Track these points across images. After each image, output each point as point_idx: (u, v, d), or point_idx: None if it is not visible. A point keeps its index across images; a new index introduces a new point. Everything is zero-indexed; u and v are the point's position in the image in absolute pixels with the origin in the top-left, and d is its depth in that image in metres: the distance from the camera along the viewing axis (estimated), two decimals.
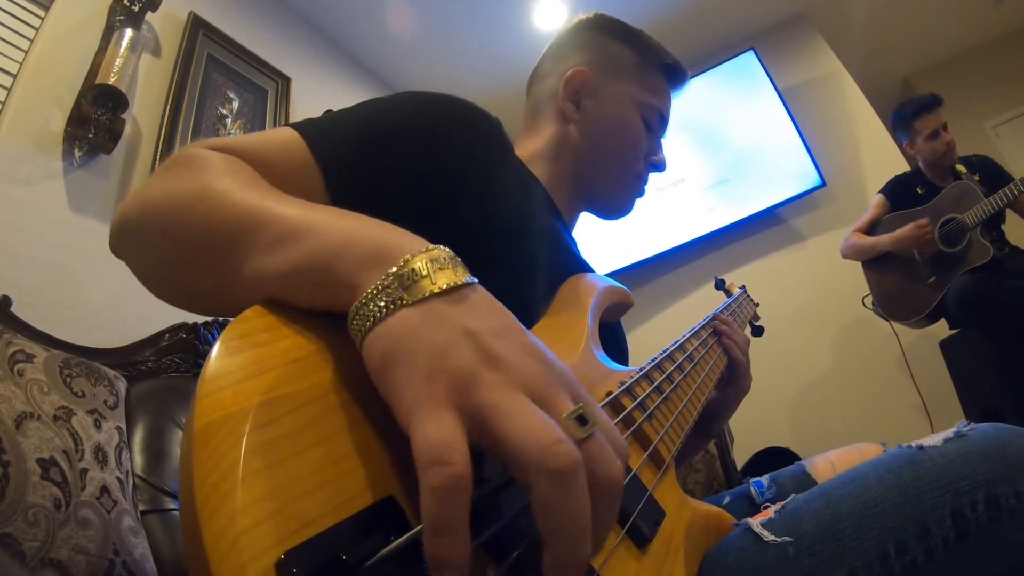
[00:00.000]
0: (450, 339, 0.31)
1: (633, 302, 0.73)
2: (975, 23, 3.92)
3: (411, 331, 0.32)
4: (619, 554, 0.42)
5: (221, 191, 0.43)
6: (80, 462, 0.85)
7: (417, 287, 0.33)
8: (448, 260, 0.35)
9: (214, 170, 0.46)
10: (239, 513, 0.24)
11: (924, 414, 2.50)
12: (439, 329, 0.32)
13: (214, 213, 0.41)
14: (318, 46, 2.85)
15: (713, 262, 3.20)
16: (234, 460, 0.26)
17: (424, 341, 0.31)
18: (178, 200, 0.44)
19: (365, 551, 0.26)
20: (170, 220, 0.45)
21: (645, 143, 0.89)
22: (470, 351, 0.31)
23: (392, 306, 0.32)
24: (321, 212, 0.40)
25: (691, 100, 3.30)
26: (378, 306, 0.33)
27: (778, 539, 0.48)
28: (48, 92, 1.60)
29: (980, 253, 2.19)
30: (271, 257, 0.37)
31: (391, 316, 0.32)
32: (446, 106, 0.64)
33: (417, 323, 0.32)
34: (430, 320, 0.32)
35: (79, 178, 1.59)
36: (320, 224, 0.38)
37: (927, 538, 0.44)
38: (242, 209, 0.41)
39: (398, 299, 0.33)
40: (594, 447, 0.31)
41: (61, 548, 0.75)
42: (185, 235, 0.43)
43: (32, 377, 0.88)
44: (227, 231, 0.40)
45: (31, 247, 1.43)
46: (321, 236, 0.37)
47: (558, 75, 0.89)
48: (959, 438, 0.49)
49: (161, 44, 2.01)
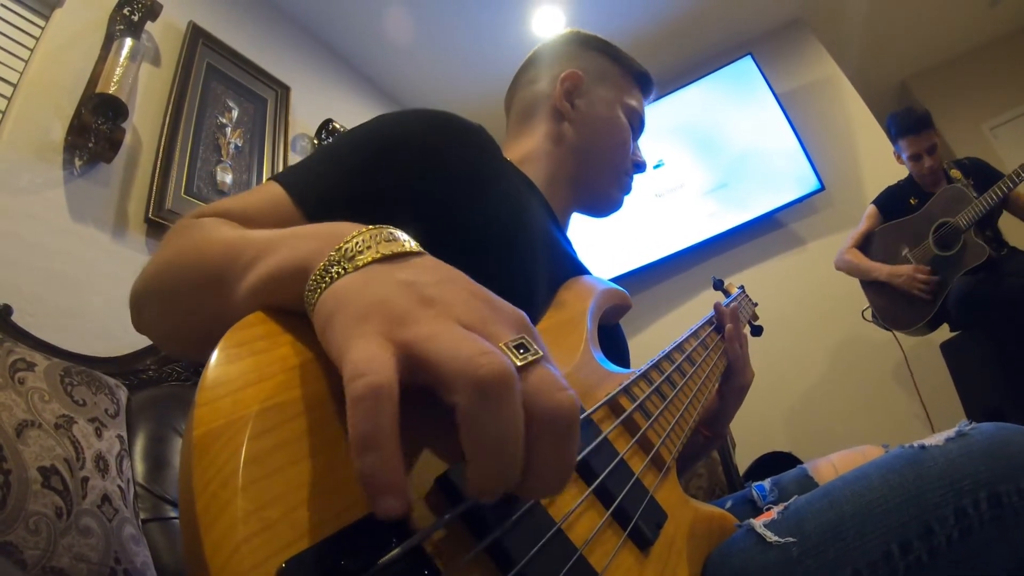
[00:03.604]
0: (388, 290, 0.32)
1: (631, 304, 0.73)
2: (971, 25, 3.94)
3: (352, 290, 0.32)
4: (621, 556, 0.42)
5: (207, 239, 0.47)
6: (81, 470, 0.85)
7: (360, 257, 0.34)
8: (393, 234, 0.36)
9: (202, 228, 0.50)
10: (239, 522, 0.24)
11: (925, 417, 2.49)
12: (379, 285, 0.32)
13: (203, 256, 0.45)
14: (317, 55, 2.86)
15: (713, 267, 3.20)
16: (234, 468, 0.26)
17: (364, 295, 0.31)
18: (172, 260, 0.49)
19: (365, 559, 0.26)
20: (169, 278, 0.49)
21: (631, 142, 0.94)
22: (406, 296, 0.31)
23: (338, 275, 0.33)
24: (296, 228, 0.41)
25: (690, 106, 3.31)
26: (325, 279, 0.33)
27: (781, 540, 0.49)
28: (48, 101, 1.61)
29: (976, 254, 2.19)
30: (253, 274, 0.38)
31: (336, 282, 0.33)
32: (430, 120, 0.64)
33: (359, 284, 0.32)
34: (371, 279, 0.33)
35: (79, 187, 1.59)
36: (291, 234, 0.40)
37: (930, 537, 0.44)
38: (224, 244, 0.44)
39: (343, 269, 0.33)
40: (537, 374, 0.29)
41: (62, 556, 0.75)
42: (182, 285, 0.47)
43: (33, 385, 0.88)
44: (215, 267, 0.43)
45: (32, 256, 1.43)
46: (291, 241, 0.39)
47: (550, 78, 0.92)
48: (961, 437, 0.49)
49: (161, 53, 2.02)
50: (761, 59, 3.24)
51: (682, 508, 0.54)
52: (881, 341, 2.67)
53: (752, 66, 3.22)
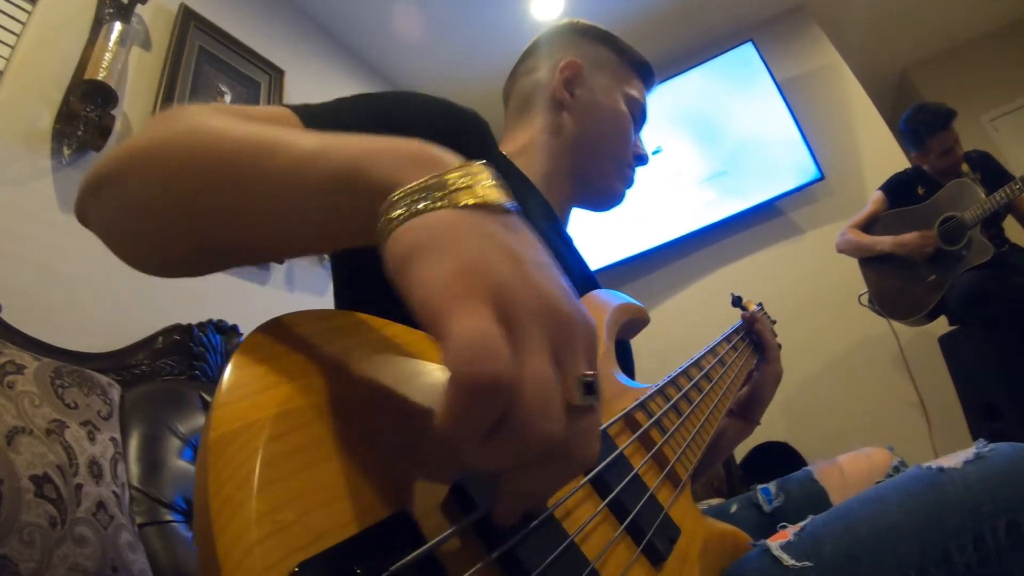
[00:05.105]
0: (492, 252, 0.29)
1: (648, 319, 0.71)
2: (974, 15, 3.91)
3: (450, 227, 0.29)
4: (634, 571, 0.42)
5: (230, 124, 0.40)
6: (75, 477, 0.83)
7: (460, 194, 0.30)
8: (494, 178, 0.33)
9: (205, 112, 0.43)
10: (253, 524, 0.24)
11: (921, 410, 2.51)
12: (481, 236, 0.29)
13: (229, 136, 0.38)
14: (312, 37, 2.81)
15: (710, 255, 3.19)
16: (249, 471, 0.26)
17: (463, 244, 0.28)
18: (173, 139, 0.40)
19: (378, 564, 0.26)
20: (165, 157, 0.40)
21: (633, 132, 0.92)
22: (511, 269, 0.28)
23: (431, 206, 0.30)
24: (365, 136, 0.36)
25: (689, 92, 3.28)
26: (415, 204, 0.30)
27: (799, 563, 0.48)
28: (36, 89, 1.57)
29: (981, 251, 2.19)
30: (305, 167, 0.35)
31: (429, 213, 0.30)
32: (443, 108, 0.63)
33: (458, 222, 0.29)
34: (470, 227, 0.29)
35: (69, 176, 1.55)
36: (360, 139, 0.35)
37: (948, 564, 0.44)
38: (258, 132, 0.38)
39: (438, 200, 0.30)
40: (585, 422, 0.29)
41: (58, 568, 0.73)
42: (191, 165, 0.39)
43: (23, 389, 0.86)
44: (248, 152, 0.37)
45: (20, 248, 1.40)
46: (364, 144, 0.34)
47: (549, 67, 0.91)
48: (979, 460, 0.49)
49: (151, 37, 1.97)
50: (762, 46, 3.21)
51: (696, 524, 0.54)
52: (878, 332, 2.67)
53: (753, 53, 3.19)
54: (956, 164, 2.37)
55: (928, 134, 2.36)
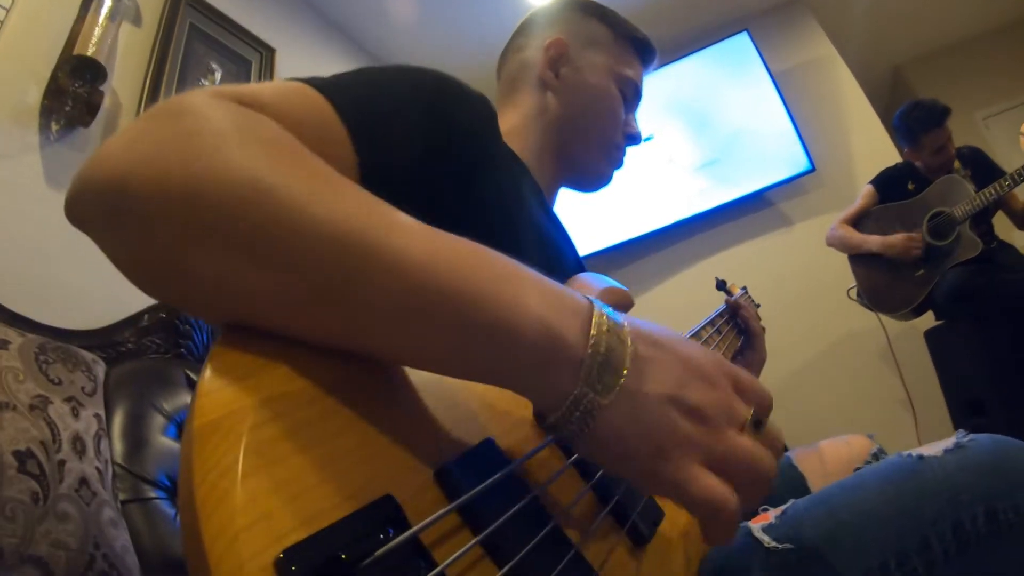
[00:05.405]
0: (661, 421, 0.34)
1: (633, 303, 0.71)
2: (970, 14, 3.90)
3: (627, 426, 0.34)
4: (618, 553, 0.43)
5: (277, 184, 0.31)
6: (58, 453, 0.82)
7: (609, 379, 0.34)
8: (607, 322, 0.36)
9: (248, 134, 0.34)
10: (238, 511, 0.25)
11: (908, 403, 2.53)
12: (644, 413, 0.34)
13: (288, 229, 0.30)
14: (304, 16, 2.77)
15: (699, 244, 3.19)
16: (234, 458, 0.26)
17: (641, 432, 0.34)
18: (224, 193, 0.30)
19: (363, 549, 0.27)
20: (220, 223, 0.30)
21: (622, 113, 0.90)
22: (677, 416, 0.35)
23: (590, 417, 0.34)
24: (441, 240, 0.34)
25: (682, 80, 3.27)
26: (575, 419, 0.34)
27: (779, 545, 0.48)
28: (24, 64, 1.54)
29: (969, 247, 2.20)
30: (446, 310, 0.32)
31: (601, 417, 0.34)
32: (450, 84, 0.62)
33: (628, 416, 0.34)
34: (633, 408, 0.34)
35: (56, 152, 1.53)
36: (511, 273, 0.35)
37: (927, 551, 0.44)
38: (332, 224, 0.30)
39: (592, 406, 0.34)
40: (759, 450, 0.36)
41: (40, 543, 0.73)
42: (258, 255, 0.30)
43: (7, 365, 0.85)
44: (315, 259, 0.30)
45: (7, 224, 1.38)
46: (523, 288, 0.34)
47: (535, 47, 0.89)
48: (959, 449, 0.49)
49: (142, 13, 1.93)
50: (757, 36, 3.19)
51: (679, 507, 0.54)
52: (866, 325, 2.69)
53: (748, 43, 3.17)
54: (948, 161, 2.38)
55: (922, 131, 2.37)
